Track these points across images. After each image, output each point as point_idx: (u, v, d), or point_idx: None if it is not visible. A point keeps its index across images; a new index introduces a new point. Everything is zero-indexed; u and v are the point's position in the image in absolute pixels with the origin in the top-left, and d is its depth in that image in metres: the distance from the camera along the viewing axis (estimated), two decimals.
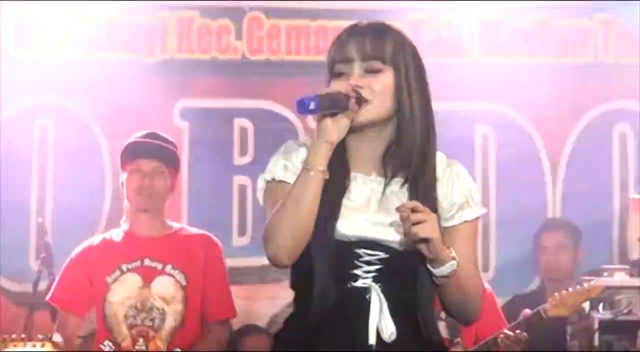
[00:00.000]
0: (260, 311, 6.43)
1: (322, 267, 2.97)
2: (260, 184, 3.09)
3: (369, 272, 3.01)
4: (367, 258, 3.01)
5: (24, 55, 6.81)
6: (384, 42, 3.02)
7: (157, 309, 5.03)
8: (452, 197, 3.09)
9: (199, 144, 6.83)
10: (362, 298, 2.99)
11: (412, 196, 3.01)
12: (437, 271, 2.96)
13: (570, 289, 5.27)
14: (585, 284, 5.34)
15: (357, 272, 3.01)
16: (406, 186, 3.04)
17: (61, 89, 6.82)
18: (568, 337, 5.66)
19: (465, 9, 6.93)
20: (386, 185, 3.04)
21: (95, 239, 5.45)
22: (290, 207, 2.92)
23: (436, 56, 6.79)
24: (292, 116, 6.84)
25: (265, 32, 6.92)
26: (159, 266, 5.07)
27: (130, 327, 5.01)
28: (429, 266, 2.96)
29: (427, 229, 2.88)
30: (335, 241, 2.98)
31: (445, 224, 3.06)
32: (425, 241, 2.89)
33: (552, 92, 6.90)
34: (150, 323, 5.01)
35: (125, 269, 5.07)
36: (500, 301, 5.77)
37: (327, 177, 2.93)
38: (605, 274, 5.76)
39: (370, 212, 3.02)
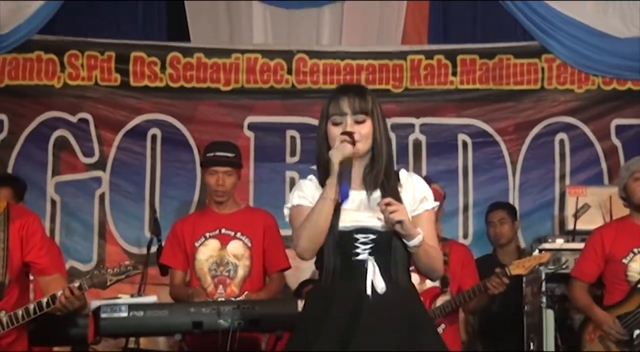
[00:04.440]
0: (305, 267, 6.24)
1: (329, 249, 3.17)
2: (286, 212, 3.30)
3: (365, 249, 3.20)
4: (362, 240, 3.20)
5: (139, 84, 6.86)
6: (366, 100, 3.22)
7: (231, 264, 4.98)
8: (414, 195, 3.27)
9: (261, 148, 6.83)
10: (362, 266, 3.18)
11: (384, 197, 3.19)
12: (410, 243, 3.15)
13: (528, 257, 5.22)
14: (538, 253, 5.34)
15: (357, 250, 3.19)
16: (379, 193, 3.22)
17: (166, 109, 6.86)
18: (524, 285, 5.67)
19: (450, 50, 6.91)
20: (368, 195, 3.23)
21: (187, 216, 5.53)
22: (311, 223, 3.13)
23: (430, 84, 6.91)
24: None
25: (308, 68, 6.91)
26: (232, 233, 5.02)
27: (213, 277, 4.97)
28: (404, 240, 3.15)
29: (399, 214, 3.09)
30: (339, 231, 3.18)
31: (413, 214, 3.22)
32: (400, 222, 3.09)
33: (512, 110, 6.88)
34: (227, 274, 4.97)
35: (208, 236, 5.04)
36: None
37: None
38: (550, 240, 5.76)
39: (360, 210, 3.21)
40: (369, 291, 3.15)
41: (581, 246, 5.30)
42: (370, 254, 3.19)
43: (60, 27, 6.88)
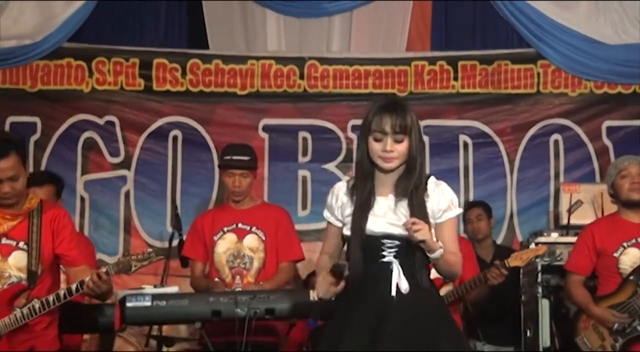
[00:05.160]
0: (314, 259, 6.39)
1: (356, 251, 3.26)
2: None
3: (390, 252, 3.25)
4: (389, 244, 3.25)
5: (161, 89, 6.87)
6: (406, 120, 3.24)
7: (247, 256, 4.97)
8: (439, 205, 3.31)
9: (275, 149, 6.84)
10: (388, 268, 3.24)
11: (411, 207, 3.27)
12: (432, 256, 3.22)
13: (526, 249, 5.24)
14: (535, 246, 5.34)
15: (384, 253, 3.25)
16: (406, 201, 3.27)
17: (186, 112, 6.88)
18: (521, 276, 5.66)
19: (452, 57, 6.91)
20: (396, 202, 3.27)
21: (207, 212, 5.53)
22: None
23: (433, 88, 6.92)
24: (336, 129, 6.86)
25: (319, 73, 6.92)
26: (248, 227, 5.02)
27: (230, 269, 4.96)
28: (427, 253, 3.22)
29: (422, 233, 3.15)
30: (367, 235, 3.25)
31: (437, 221, 3.29)
32: (423, 241, 3.16)
33: (510, 113, 6.88)
34: (243, 266, 4.96)
35: (225, 230, 5.02)
36: None
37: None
38: (545, 234, 5.75)
39: (388, 217, 3.26)
40: (393, 292, 3.22)
41: (574, 239, 5.26)
42: (394, 256, 3.25)
43: (88, 36, 6.92)
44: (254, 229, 5.04)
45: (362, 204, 3.28)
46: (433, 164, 6.80)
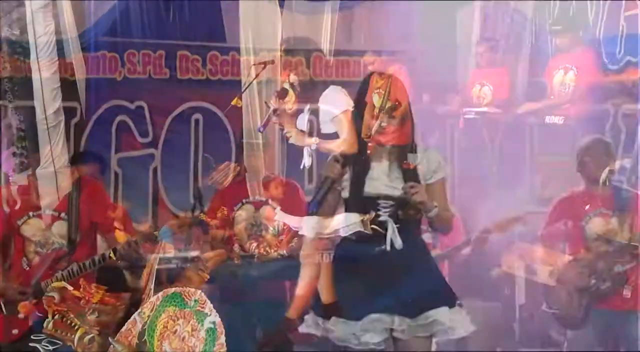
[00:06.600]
0: None
1: (355, 210, 3.30)
2: None
3: (385, 212, 3.29)
4: (384, 204, 3.29)
5: (184, 78, 6.88)
6: (399, 96, 3.32)
7: (264, 225, 5.06)
8: (429, 166, 3.35)
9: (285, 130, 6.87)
10: (382, 226, 3.29)
11: (403, 171, 3.32)
12: (428, 215, 3.28)
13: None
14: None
15: (380, 212, 3.28)
16: (398, 165, 3.32)
17: (206, 98, 6.87)
18: None
19: None
20: (390, 167, 3.32)
21: (229, 185, 5.52)
22: None
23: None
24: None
25: (323, 63, 6.93)
26: (264, 199, 5.10)
27: (249, 236, 5.05)
28: (424, 212, 3.27)
29: (420, 195, 3.22)
30: (365, 196, 3.29)
31: (428, 182, 3.33)
32: (421, 202, 3.21)
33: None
34: (260, 233, 5.05)
35: (244, 202, 5.12)
36: None
37: None
38: None
39: (382, 180, 3.29)
40: (388, 248, 3.24)
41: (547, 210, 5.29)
42: (389, 216, 3.26)
43: (120, 31, 6.91)
44: (269, 200, 5.09)
45: (360, 170, 3.30)
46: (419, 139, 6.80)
